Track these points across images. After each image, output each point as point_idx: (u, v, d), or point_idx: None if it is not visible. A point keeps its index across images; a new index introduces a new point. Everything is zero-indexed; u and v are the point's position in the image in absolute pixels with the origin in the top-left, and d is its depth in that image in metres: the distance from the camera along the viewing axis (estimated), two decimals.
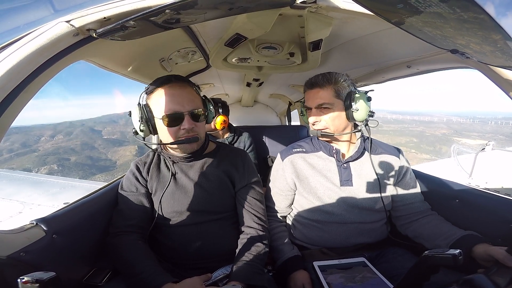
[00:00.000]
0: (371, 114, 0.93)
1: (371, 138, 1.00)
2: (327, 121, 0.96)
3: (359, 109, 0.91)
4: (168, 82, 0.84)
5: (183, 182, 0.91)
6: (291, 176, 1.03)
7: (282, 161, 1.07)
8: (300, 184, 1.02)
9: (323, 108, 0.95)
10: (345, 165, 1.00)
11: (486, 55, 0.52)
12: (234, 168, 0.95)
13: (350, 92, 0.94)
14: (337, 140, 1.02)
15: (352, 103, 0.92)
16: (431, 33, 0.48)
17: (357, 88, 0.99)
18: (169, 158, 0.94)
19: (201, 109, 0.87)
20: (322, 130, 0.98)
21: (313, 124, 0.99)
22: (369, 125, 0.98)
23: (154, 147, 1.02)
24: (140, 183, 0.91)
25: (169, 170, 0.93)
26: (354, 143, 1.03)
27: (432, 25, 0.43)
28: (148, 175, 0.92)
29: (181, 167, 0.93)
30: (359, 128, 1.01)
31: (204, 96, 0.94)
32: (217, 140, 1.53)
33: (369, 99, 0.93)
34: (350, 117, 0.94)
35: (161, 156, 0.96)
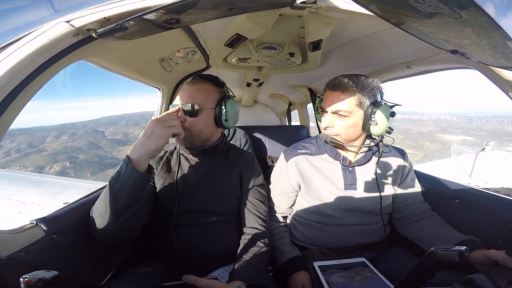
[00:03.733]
0: (389, 130, 0.86)
1: (381, 152, 0.96)
2: (340, 129, 0.90)
3: (379, 123, 0.84)
4: (191, 80, 0.92)
5: (193, 180, 0.91)
6: (296, 178, 1.01)
7: (287, 162, 1.04)
8: (305, 186, 1.01)
9: (339, 115, 0.90)
10: (350, 169, 0.99)
11: (486, 55, 0.52)
12: (244, 170, 0.96)
13: (375, 102, 0.86)
14: (345, 148, 0.99)
15: (373, 116, 0.84)
16: (431, 34, 0.48)
17: (384, 99, 0.91)
18: (182, 154, 0.94)
19: (190, 104, 0.83)
20: (333, 137, 0.93)
21: (325, 129, 0.94)
22: (383, 142, 0.94)
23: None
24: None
25: (180, 165, 0.92)
26: (363, 150, 1.00)
27: (432, 25, 0.43)
28: (156, 169, 0.91)
29: (193, 165, 0.93)
30: (371, 143, 0.96)
31: (228, 96, 0.91)
32: None
33: (392, 114, 0.85)
34: (366, 129, 0.88)
35: (174, 151, 0.97)
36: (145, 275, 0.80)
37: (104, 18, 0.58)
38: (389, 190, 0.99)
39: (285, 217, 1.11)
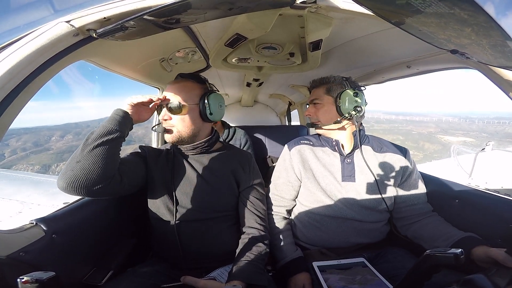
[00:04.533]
0: (356, 108, 0.97)
1: (359, 131, 1.01)
2: (318, 115, 1.06)
3: (342, 103, 0.99)
4: (173, 80, 0.94)
5: (189, 177, 0.91)
6: (298, 165, 1.04)
7: (290, 151, 1.09)
8: (305, 173, 1.03)
9: (315, 104, 1.07)
10: (348, 160, 1.01)
11: (486, 54, 0.52)
12: (241, 168, 0.96)
13: (341, 90, 1.01)
14: (331, 131, 1.06)
15: (338, 98, 1.00)
16: (431, 33, 0.48)
17: (356, 88, 1.01)
18: (175, 152, 0.95)
19: (176, 103, 0.85)
20: (314, 122, 1.09)
21: (308, 117, 1.11)
22: (354, 119, 1.00)
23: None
24: (141, 155, 0.93)
25: (175, 163, 0.93)
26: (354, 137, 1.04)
27: (432, 25, 0.43)
28: (152, 168, 0.92)
29: (187, 162, 0.93)
30: (339, 119, 1.02)
31: (210, 91, 0.93)
32: None
33: (355, 94, 0.98)
34: (338, 111, 1.01)
35: (170, 150, 0.97)
36: (144, 275, 0.80)
37: (104, 18, 0.59)
38: (389, 186, 0.99)
39: (289, 211, 1.11)
